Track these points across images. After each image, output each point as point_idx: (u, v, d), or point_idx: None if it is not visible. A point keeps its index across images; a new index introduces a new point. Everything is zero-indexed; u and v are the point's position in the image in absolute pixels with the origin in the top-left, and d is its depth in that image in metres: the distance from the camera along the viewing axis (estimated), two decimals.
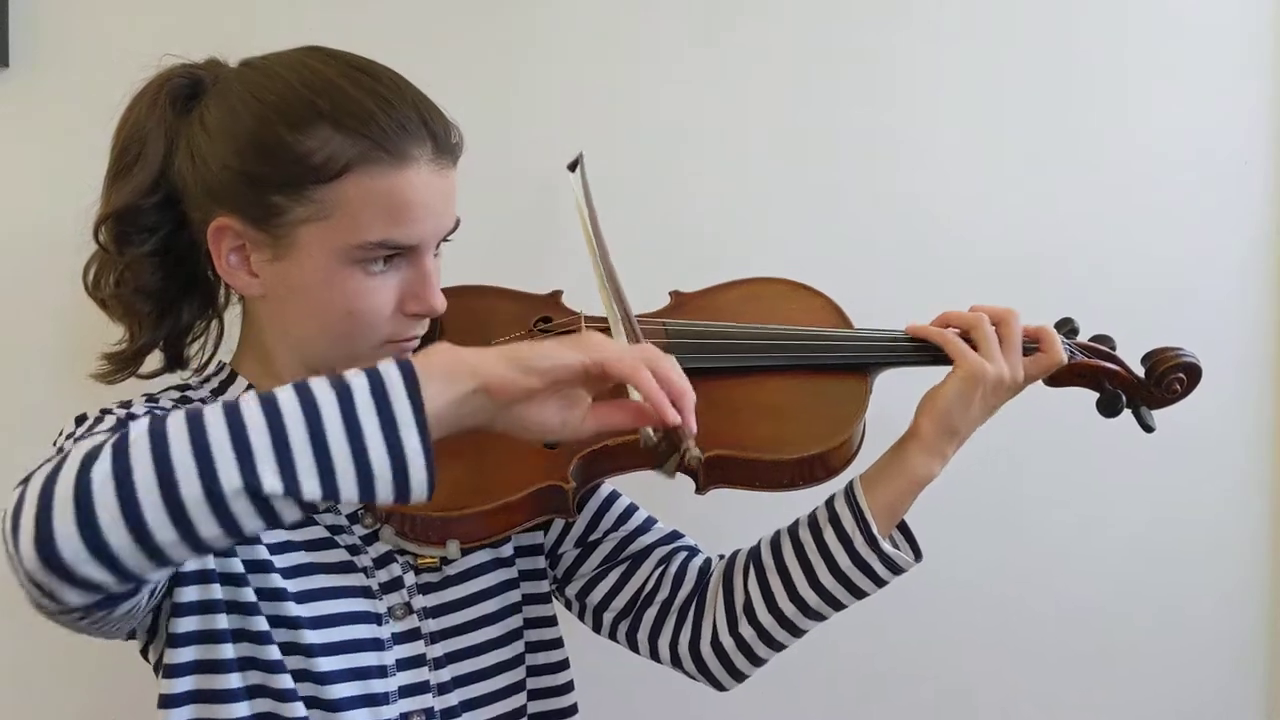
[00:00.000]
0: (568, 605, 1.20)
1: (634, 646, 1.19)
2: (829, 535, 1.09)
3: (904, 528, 1.13)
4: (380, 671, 1.02)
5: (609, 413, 0.88)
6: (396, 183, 0.96)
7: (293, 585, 1.01)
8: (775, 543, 1.13)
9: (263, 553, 1.00)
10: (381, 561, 1.05)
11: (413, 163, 0.97)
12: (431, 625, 1.06)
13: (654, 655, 1.18)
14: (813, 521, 1.12)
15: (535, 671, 1.14)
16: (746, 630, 1.11)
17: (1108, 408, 1.15)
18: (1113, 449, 1.46)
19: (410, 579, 1.06)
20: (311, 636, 1.00)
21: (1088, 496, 1.57)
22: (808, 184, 1.52)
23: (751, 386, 1.11)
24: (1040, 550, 1.58)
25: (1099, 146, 1.57)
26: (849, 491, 1.10)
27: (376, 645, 1.03)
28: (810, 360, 1.12)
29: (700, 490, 1.09)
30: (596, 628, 1.20)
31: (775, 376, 1.12)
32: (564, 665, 1.16)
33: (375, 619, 1.03)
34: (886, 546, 1.08)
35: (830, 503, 1.12)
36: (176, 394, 1.07)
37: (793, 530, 1.13)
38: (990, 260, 1.53)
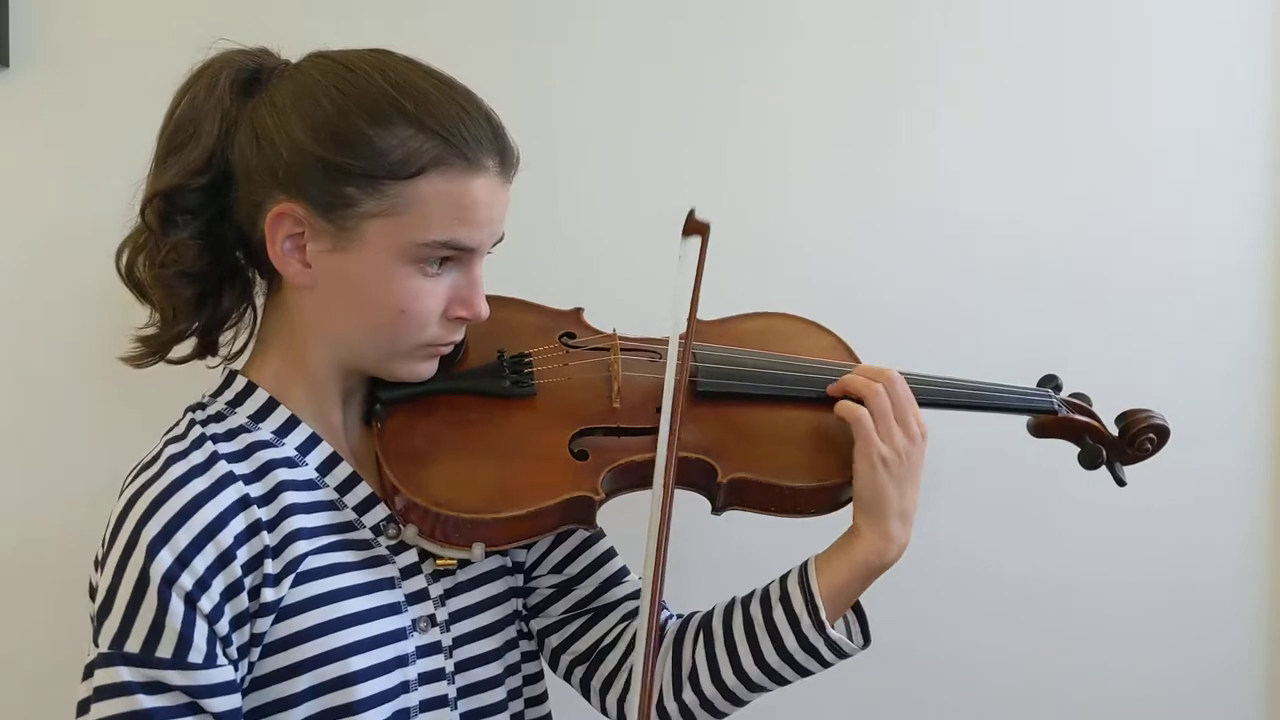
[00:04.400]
0: (529, 637, 1.19)
1: (585, 693, 1.19)
2: (778, 614, 1.08)
3: (859, 609, 1.12)
4: (404, 688, 1.01)
5: None
6: (468, 188, 0.98)
7: (331, 611, 0.99)
8: (727, 614, 1.12)
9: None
10: (408, 573, 1.04)
11: (483, 172, 0.99)
12: (449, 638, 1.05)
13: (603, 708, 1.19)
14: (764, 598, 1.10)
15: (529, 680, 1.16)
16: (690, 697, 1.11)
17: (1089, 460, 1.21)
18: None
19: (436, 590, 1.05)
20: (354, 664, 0.98)
21: (1092, 490, 1.53)
22: (822, 188, 1.55)
23: (772, 414, 1.14)
24: (1053, 539, 1.61)
25: (1099, 147, 1.59)
26: (803, 572, 1.09)
27: (403, 662, 1.01)
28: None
29: (717, 511, 1.12)
30: (553, 666, 1.20)
31: (796, 407, 1.14)
32: (541, 675, 1.18)
33: (403, 635, 1.01)
34: (833, 632, 1.06)
35: (784, 581, 1.10)
36: (205, 434, 1.01)
37: (745, 603, 1.12)
38: (993, 261, 1.58)
